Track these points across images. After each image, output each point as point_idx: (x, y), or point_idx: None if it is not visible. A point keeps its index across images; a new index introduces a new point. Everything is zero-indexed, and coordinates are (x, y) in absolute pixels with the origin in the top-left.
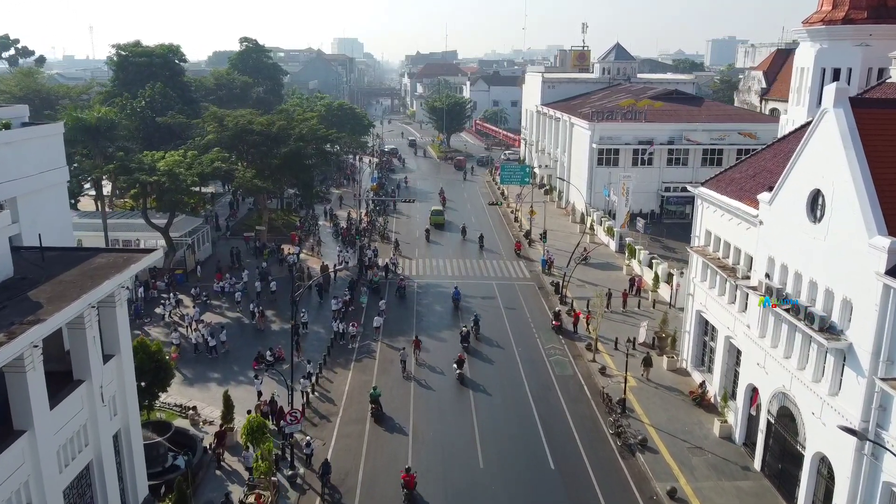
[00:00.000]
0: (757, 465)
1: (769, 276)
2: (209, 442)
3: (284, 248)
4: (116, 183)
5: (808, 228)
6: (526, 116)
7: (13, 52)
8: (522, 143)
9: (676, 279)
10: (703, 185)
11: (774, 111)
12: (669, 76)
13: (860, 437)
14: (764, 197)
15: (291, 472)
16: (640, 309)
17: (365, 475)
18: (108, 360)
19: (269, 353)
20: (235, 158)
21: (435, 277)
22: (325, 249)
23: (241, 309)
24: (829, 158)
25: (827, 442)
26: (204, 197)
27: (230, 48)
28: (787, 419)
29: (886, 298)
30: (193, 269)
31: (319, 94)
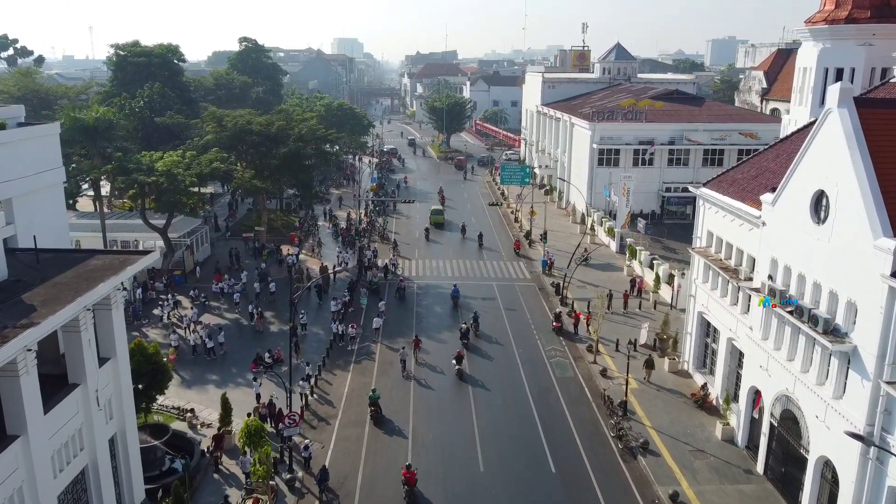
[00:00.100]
0: (760, 468)
1: (772, 277)
2: (207, 445)
3: (283, 248)
4: (115, 183)
5: (811, 230)
6: (526, 116)
7: (12, 52)
8: (522, 143)
9: (677, 280)
10: (704, 185)
11: (775, 111)
12: (670, 76)
13: (867, 442)
14: (767, 198)
15: (290, 475)
16: (640, 310)
17: (364, 478)
18: (103, 363)
19: (267, 354)
20: (234, 159)
21: (435, 278)
22: (324, 250)
23: (239, 310)
24: (833, 159)
25: (831, 446)
26: (203, 197)
27: (230, 48)
28: (790, 422)
29: (892, 300)
30: (192, 269)
31: (319, 94)
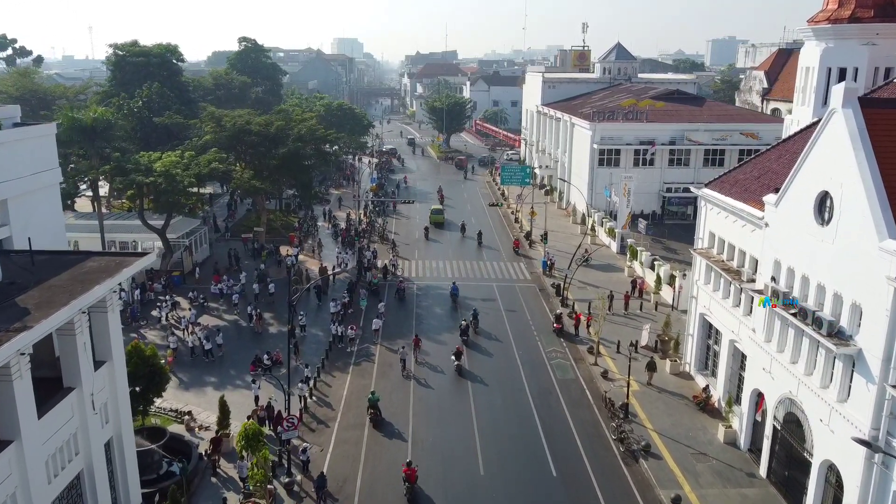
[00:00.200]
0: (763, 471)
1: (775, 279)
2: (205, 448)
3: (283, 249)
4: (113, 184)
5: (815, 231)
6: (526, 116)
7: (10, 52)
8: (523, 143)
9: (679, 281)
10: (706, 186)
11: (776, 111)
12: (671, 76)
13: (875, 448)
14: (770, 199)
15: (288, 479)
16: (641, 311)
17: (363, 482)
18: (99, 366)
19: (266, 356)
20: (233, 159)
21: (434, 279)
22: (323, 251)
23: (238, 311)
24: (837, 159)
25: (835, 449)
26: (201, 198)
27: (230, 48)
28: (793, 425)
29: None
30: (191, 270)
31: (319, 94)
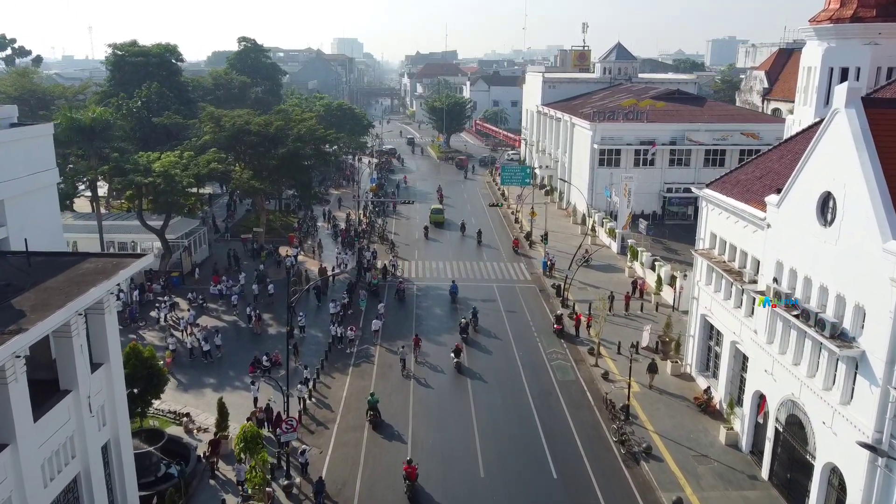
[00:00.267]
0: (764, 474)
1: (777, 280)
2: (203, 450)
3: (282, 250)
4: (111, 184)
5: (818, 232)
6: (526, 116)
7: (10, 51)
8: (523, 143)
9: (679, 282)
10: (708, 186)
11: (777, 111)
12: (671, 76)
13: (881, 453)
14: (772, 199)
15: (287, 481)
16: (642, 312)
17: (363, 485)
18: (96, 368)
19: (265, 357)
20: (232, 159)
21: (434, 280)
22: (323, 252)
23: (237, 312)
24: (840, 160)
25: (838, 452)
26: (200, 198)
27: (230, 48)
28: (795, 427)
29: None
30: (190, 271)
31: (319, 94)
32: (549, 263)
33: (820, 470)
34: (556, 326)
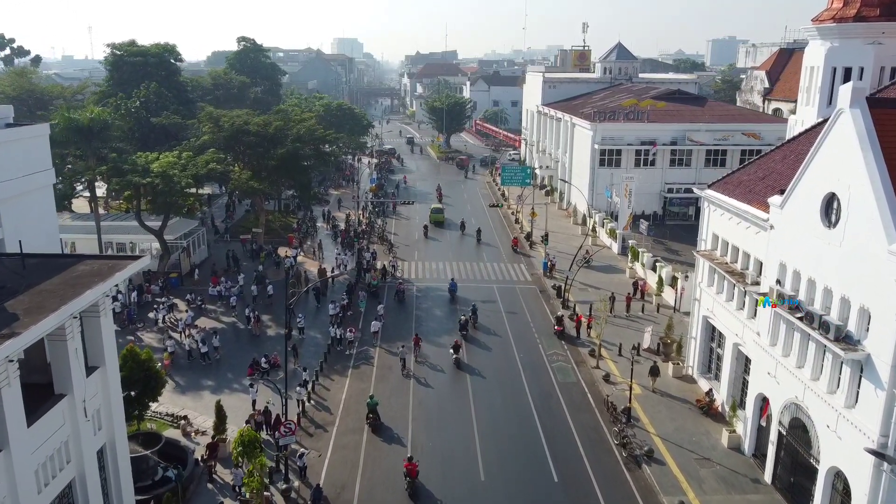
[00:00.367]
0: (767, 477)
1: (780, 282)
2: (201, 454)
3: (281, 250)
4: (110, 185)
5: (822, 233)
6: (526, 117)
7: (8, 51)
8: (523, 143)
9: (681, 283)
10: (710, 187)
11: (777, 111)
12: (672, 76)
13: (888, 459)
14: (775, 200)
15: (286, 485)
16: (643, 313)
17: (361, 489)
18: (91, 372)
19: (264, 359)
20: (231, 159)
21: (434, 280)
22: (322, 252)
23: (236, 314)
24: (844, 161)
25: (843, 456)
26: (199, 199)
27: (229, 48)
28: (799, 431)
29: None
30: (189, 272)
31: (318, 94)
32: (549, 264)
33: (824, 474)
34: (556, 327)
